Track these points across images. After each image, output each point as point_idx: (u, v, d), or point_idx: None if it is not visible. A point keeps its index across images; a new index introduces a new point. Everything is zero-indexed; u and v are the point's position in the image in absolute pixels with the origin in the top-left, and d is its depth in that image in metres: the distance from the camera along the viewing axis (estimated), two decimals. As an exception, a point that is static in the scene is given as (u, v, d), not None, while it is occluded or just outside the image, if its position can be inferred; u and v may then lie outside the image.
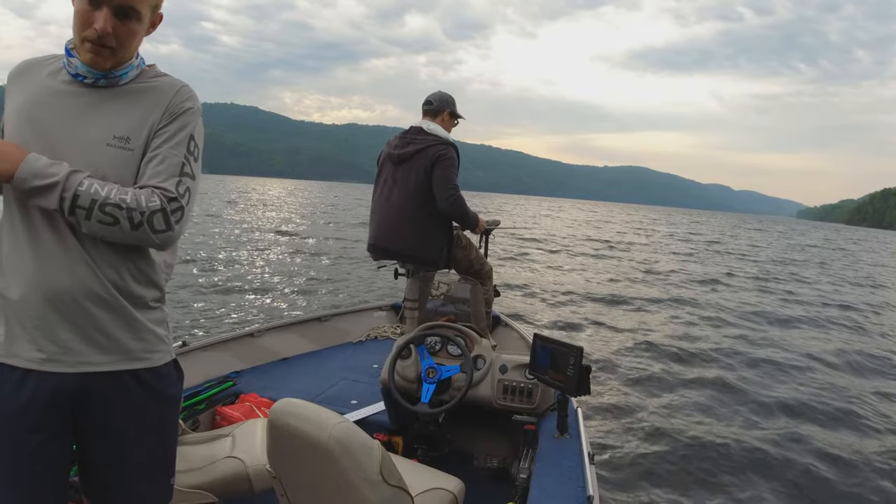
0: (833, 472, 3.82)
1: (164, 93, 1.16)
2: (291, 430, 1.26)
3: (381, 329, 3.77)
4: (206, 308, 7.25)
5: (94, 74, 1.12)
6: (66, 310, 1.08)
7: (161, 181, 1.10)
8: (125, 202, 1.05)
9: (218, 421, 2.41)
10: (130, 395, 1.16)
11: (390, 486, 1.26)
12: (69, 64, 1.13)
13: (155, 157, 1.12)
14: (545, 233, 26.38)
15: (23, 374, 1.08)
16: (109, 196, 1.04)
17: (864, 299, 12.58)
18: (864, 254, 31.42)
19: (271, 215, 25.85)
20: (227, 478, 1.74)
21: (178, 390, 1.28)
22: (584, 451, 1.86)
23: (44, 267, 1.08)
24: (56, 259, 1.08)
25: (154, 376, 1.19)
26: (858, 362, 6.83)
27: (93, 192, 1.03)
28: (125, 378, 1.15)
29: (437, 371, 2.23)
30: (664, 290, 11.48)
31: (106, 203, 1.04)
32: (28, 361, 1.08)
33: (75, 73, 1.12)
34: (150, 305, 1.19)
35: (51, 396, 1.09)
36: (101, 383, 1.12)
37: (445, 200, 2.81)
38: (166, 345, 1.23)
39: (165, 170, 1.11)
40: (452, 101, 3.03)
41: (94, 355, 1.11)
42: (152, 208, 1.07)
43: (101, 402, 1.13)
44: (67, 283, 1.08)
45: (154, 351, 1.19)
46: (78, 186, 1.03)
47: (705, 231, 40.98)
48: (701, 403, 4.96)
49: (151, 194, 1.08)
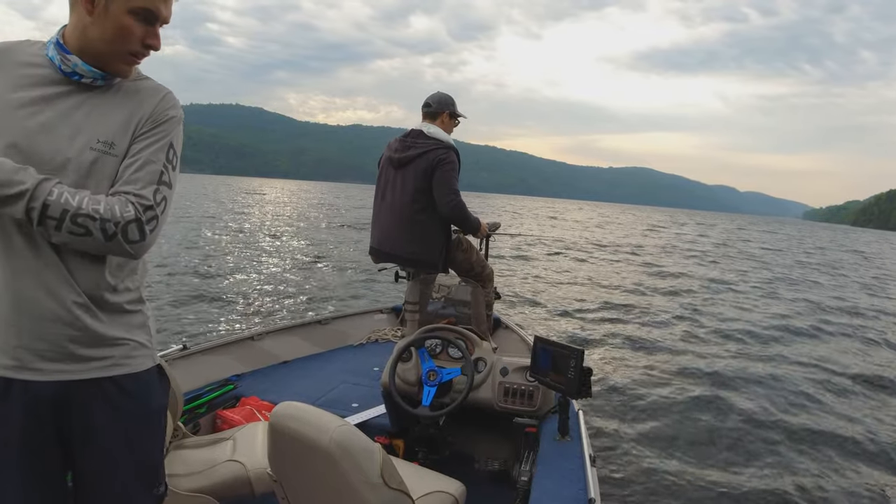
0: (838, 478, 3.81)
1: (149, 97, 1.14)
2: (292, 433, 1.26)
3: (382, 332, 3.77)
4: (207, 311, 7.25)
5: (94, 74, 1.09)
6: (40, 317, 1.06)
7: (139, 188, 1.07)
8: (98, 213, 1.01)
9: (219, 424, 2.41)
10: (110, 401, 1.13)
11: (391, 489, 1.26)
12: (64, 61, 1.07)
13: (134, 163, 1.09)
14: (556, 237, 25.37)
15: (5, 382, 1.07)
16: (81, 206, 1.00)
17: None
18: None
19: (273, 217, 25.86)
20: (227, 481, 1.74)
21: (163, 396, 1.25)
22: (586, 453, 1.85)
23: (17, 274, 1.05)
24: (29, 265, 1.05)
25: (134, 382, 1.16)
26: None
27: (63, 202, 0.99)
28: (105, 384, 1.12)
29: (438, 374, 2.23)
30: (671, 292, 11.42)
31: (78, 214, 1.00)
32: (5, 370, 1.06)
33: (71, 72, 1.08)
34: (128, 309, 1.16)
35: (32, 404, 1.07)
36: (81, 390, 1.10)
37: (446, 206, 2.81)
38: (148, 349, 1.20)
39: (144, 177, 1.08)
40: (451, 101, 3.01)
41: (71, 363, 1.09)
42: (127, 218, 1.04)
43: (82, 409, 1.11)
44: (41, 291, 1.05)
45: (133, 356, 1.16)
46: (47, 196, 0.98)
47: (714, 234, 39.83)
48: (703, 406, 4.94)
49: (126, 203, 1.05)
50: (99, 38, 1.06)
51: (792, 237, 48.28)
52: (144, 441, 1.20)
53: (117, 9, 1.04)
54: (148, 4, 1.06)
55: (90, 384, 1.11)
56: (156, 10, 1.07)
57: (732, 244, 29.90)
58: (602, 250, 20.50)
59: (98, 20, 1.05)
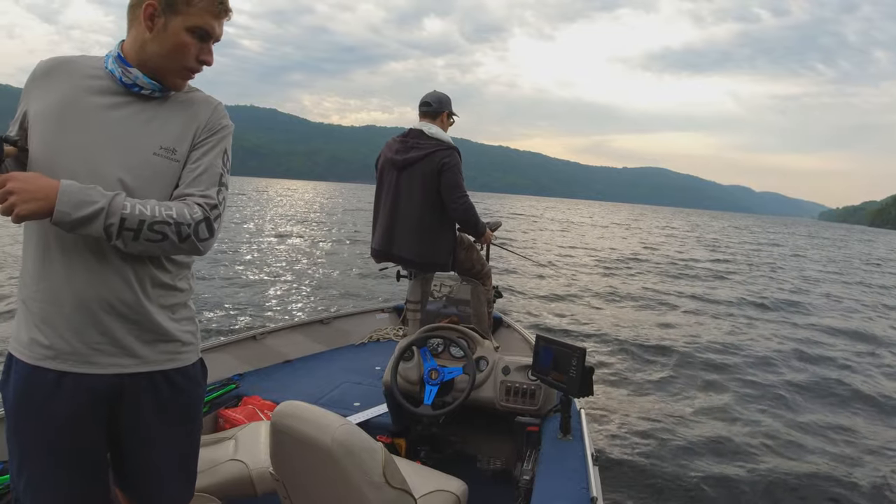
0: (840, 480, 3.81)
1: (203, 108, 1.22)
2: (294, 432, 1.27)
3: (384, 331, 3.77)
4: (209, 310, 7.26)
5: (153, 87, 1.15)
6: (97, 315, 1.11)
7: (203, 189, 1.16)
8: (172, 217, 1.08)
9: (221, 424, 2.41)
10: (160, 393, 1.21)
11: (393, 488, 1.26)
12: (125, 73, 1.13)
13: (197, 168, 1.18)
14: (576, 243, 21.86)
15: (58, 375, 1.12)
16: (155, 214, 1.06)
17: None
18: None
19: (276, 217, 25.89)
20: (229, 480, 1.75)
21: (203, 388, 1.34)
22: (588, 452, 1.85)
23: (75, 270, 1.10)
24: (87, 262, 1.10)
25: (182, 376, 1.24)
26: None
27: (138, 213, 1.05)
28: (156, 378, 1.20)
29: (440, 373, 2.23)
30: (677, 293, 11.37)
31: (154, 221, 1.06)
32: (62, 364, 1.12)
33: (131, 84, 1.14)
34: (178, 306, 1.23)
35: (86, 396, 1.13)
36: (134, 383, 1.17)
37: (457, 209, 2.80)
38: (194, 345, 1.28)
39: (206, 179, 1.17)
40: (449, 100, 3.00)
41: (125, 357, 1.15)
42: (197, 219, 1.12)
43: (133, 400, 1.18)
44: (101, 287, 1.11)
45: (182, 352, 1.24)
46: (122, 210, 1.03)
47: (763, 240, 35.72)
48: (705, 406, 4.94)
49: (193, 205, 1.13)
50: (157, 54, 1.13)
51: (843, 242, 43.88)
52: (189, 429, 1.29)
53: (175, 27, 1.12)
54: (203, 23, 1.14)
55: (142, 377, 1.18)
56: (210, 29, 1.16)
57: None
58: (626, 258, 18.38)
59: (157, 37, 1.12)
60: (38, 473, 1.14)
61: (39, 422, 1.12)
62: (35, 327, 1.12)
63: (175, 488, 1.29)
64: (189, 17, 1.12)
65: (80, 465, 1.16)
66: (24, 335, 1.13)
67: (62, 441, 1.14)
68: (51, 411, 1.12)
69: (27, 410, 1.13)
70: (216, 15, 1.15)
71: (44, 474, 1.14)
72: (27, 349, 1.13)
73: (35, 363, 1.12)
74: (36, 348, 1.12)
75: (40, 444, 1.13)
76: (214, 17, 1.15)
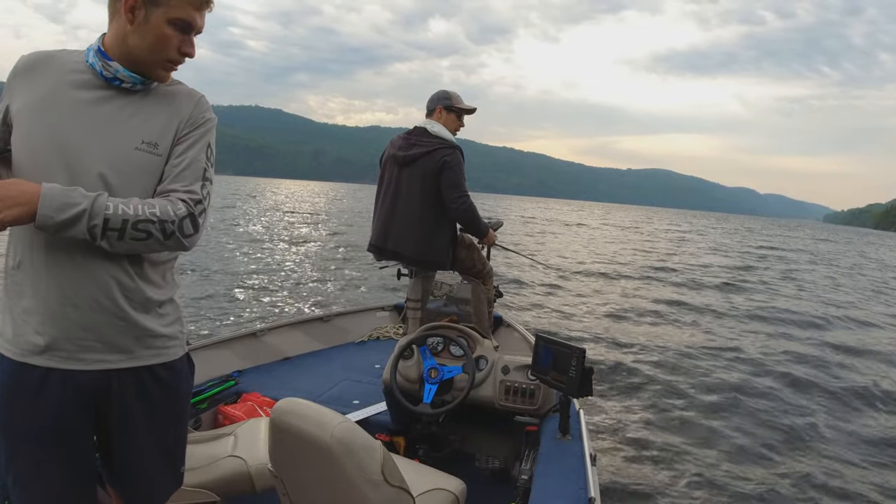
0: (843, 475, 3.81)
1: (186, 101, 1.21)
2: (293, 429, 1.27)
3: (384, 329, 3.77)
4: (209, 307, 7.27)
5: (134, 80, 1.14)
6: (82, 312, 1.11)
7: (187, 185, 1.15)
8: (156, 215, 1.07)
9: (220, 420, 2.42)
10: (147, 389, 1.21)
11: (392, 486, 1.26)
12: (105, 67, 1.12)
13: (181, 163, 1.16)
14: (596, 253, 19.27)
15: (44, 371, 1.12)
16: (139, 212, 1.06)
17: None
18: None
19: (279, 217, 25.90)
20: (228, 477, 1.75)
21: (189, 383, 1.34)
22: (586, 452, 1.85)
23: (61, 268, 1.09)
24: (74, 259, 1.09)
25: (168, 371, 1.25)
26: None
27: (121, 213, 1.04)
28: (142, 373, 1.20)
29: (440, 371, 2.23)
30: (678, 294, 11.36)
31: (138, 220, 1.05)
32: (49, 360, 1.12)
33: (112, 78, 1.13)
34: (164, 302, 1.23)
35: (72, 392, 1.13)
36: (120, 379, 1.17)
37: (457, 209, 2.77)
38: (180, 339, 1.28)
39: (190, 174, 1.16)
40: (445, 95, 2.92)
41: (111, 353, 1.15)
42: (181, 215, 1.11)
43: (120, 396, 1.18)
44: (87, 284, 1.10)
45: (168, 347, 1.24)
46: (105, 210, 1.03)
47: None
48: (705, 406, 4.94)
49: (176, 201, 1.12)
50: (139, 46, 1.12)
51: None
52: (173, 425, 1.30)
53: (156, 19, 1.11)
54: (185, 15, 1.12)
55: (128, 373, 1.18)
56: (191, 21, 1.14)
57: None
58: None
59: (138, 29, 1.11)
60: (26, 469, 1.14)
61: (27, 418, 1.12)
62: (20, 324, 1.12)
63: (162, 482, 1.29)
64: (170, 8, 1.10)
65: (68, 461, 1.16)
66: (10, 331, 1.13)
67: (49, 437, 1.14)
68: (38, 407, 1.12)
69: (14, 407, 1.13)
70: (197, 7, 1.14)
71: (32, 470, 1.14)
72: (13, 345, 1.13)
73: (21, 359, 1.12)
74: (22, 344, 1.12)
75: (28, 440, 1.13)
76: (196, 8, 1.13)
